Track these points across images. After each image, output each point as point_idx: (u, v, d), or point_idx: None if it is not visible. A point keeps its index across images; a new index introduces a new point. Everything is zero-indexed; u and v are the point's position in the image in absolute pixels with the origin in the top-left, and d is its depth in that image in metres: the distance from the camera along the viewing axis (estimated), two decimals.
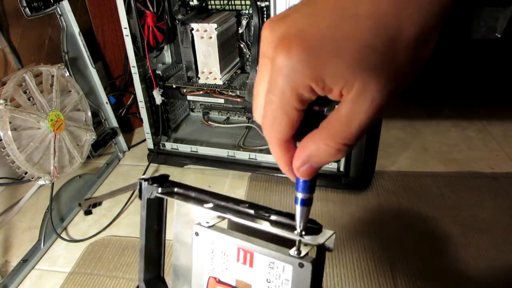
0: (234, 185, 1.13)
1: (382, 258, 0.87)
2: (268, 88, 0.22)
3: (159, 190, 0.36)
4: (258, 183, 1.12)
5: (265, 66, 0.22)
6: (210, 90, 1.06)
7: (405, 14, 0.18)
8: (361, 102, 0.20)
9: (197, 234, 0.32)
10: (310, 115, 0.23)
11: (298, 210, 0.28)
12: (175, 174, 1.20)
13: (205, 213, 0.34)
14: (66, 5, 1.05)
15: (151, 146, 1.20)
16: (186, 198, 0.36)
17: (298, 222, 0.28)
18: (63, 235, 1.00)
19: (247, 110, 1.24)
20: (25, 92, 0.88)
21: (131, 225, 1.02)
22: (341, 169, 1.02)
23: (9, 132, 0.82)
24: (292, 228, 0.29)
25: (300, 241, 0.28)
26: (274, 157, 0.25)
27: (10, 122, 0.83)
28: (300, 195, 0.27)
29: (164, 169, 1.22)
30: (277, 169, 1.07)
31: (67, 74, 1.01)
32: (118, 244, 0.96)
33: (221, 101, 1.08)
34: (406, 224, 0.96)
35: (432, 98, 1.48)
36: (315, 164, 0.24)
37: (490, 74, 1.37)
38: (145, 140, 1.21)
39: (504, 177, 1.09)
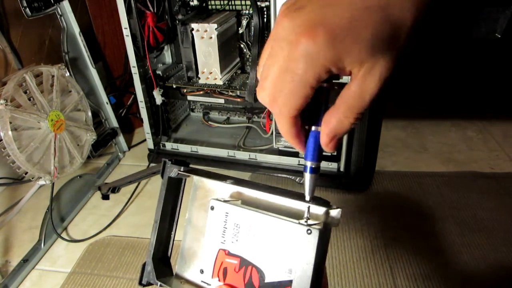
0: None
1: (382, 258, 0.87)
2: (286, 67, 0.24)
3: (181, 168, 0.39)
4: None
5: (281, 49, 0.24)
6: (210, 90, 1.06)
7: (406, 6, 0.23)
8: (371, 78, 0.24)
9: (212, 208, 0.34)
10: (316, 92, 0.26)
11: (307, 178, 0.30)
12: None
13: (221, 193, 0.36)
14: (66, 5, 1.06)
15: (151, 146, 1.20)
16: (206, 175, 0.37)
17: (307, 189, 0.30)
18: (64, 235, 1.00)
19: (247, 110, 1.24)
20: (25, 92, 0.88)
21: (131, 225, 1.02)
22: (341, 169, 1.02)
23: (10, 132, 0.82)
24: (301, 198, 0.31)
25: (309, 208, 0.30)
26: (282, 131, 0.28)
27: (10, 122, 0.83)
28: (309, 163, 0.29)
29: None
30: (277, 169, 1.08)
31: (67, 74, 1.01)
32: (118, 244, 0.96)
33: (221, 101, 1.08)
34: (406, 224, 0.96)
35: (433, 98, 1.48)
36: (340, 136, 0.27)
37: (491, 74, 1.37)
38: (145, 140, 1.21)
39: (504, 177, 1.09)
